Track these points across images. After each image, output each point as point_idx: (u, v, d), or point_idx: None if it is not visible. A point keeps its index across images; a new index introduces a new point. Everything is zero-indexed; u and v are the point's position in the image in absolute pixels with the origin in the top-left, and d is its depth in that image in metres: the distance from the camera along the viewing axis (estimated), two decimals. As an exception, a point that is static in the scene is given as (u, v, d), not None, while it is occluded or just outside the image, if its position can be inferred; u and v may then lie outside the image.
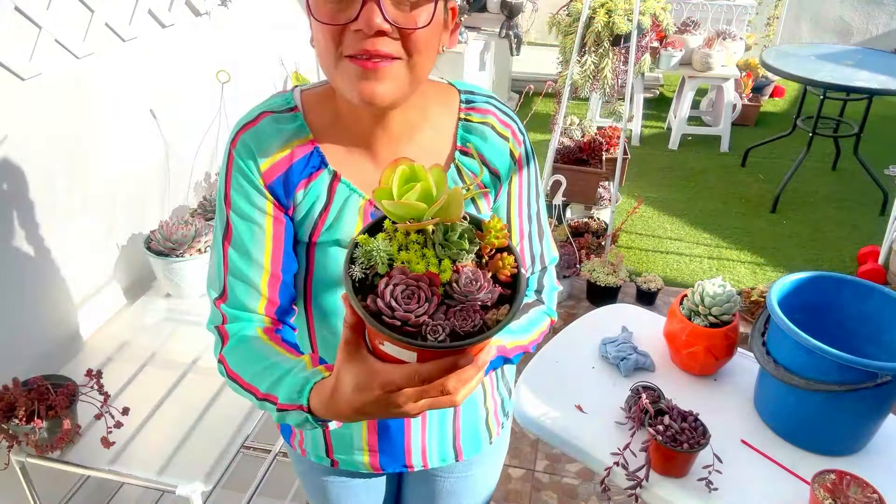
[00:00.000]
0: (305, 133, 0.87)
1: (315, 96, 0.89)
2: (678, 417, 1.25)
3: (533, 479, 2.21)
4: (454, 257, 0.65)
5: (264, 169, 0.85)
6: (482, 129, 0.92)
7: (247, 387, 0.83)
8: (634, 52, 2.94)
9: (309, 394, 0.74)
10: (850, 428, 1.28)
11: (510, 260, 0.67)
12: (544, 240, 1.03)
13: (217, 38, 2.17)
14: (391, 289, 0.62)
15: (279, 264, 0.88)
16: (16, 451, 1.37)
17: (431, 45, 0.80)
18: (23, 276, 1.53)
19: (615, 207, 3.19)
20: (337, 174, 0.87)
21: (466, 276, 0.64)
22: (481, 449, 1.12)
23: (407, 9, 0.75)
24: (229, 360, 0.86)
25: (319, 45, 0.79)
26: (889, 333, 1.33)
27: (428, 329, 0.62)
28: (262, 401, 0.81)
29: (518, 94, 4.45)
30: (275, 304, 0.89)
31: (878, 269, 3.11)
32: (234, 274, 0.88)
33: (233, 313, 0.88)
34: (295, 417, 0.77)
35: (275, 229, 0.87)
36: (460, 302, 0.63)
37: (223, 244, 0.88)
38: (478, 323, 0.62)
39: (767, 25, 5.67)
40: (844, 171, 4.37)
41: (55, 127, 1.57)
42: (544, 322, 1.02)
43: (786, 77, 3.79)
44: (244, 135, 0.86)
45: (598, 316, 1.68)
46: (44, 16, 1.47)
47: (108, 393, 1.42)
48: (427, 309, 0.62)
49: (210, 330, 0.91)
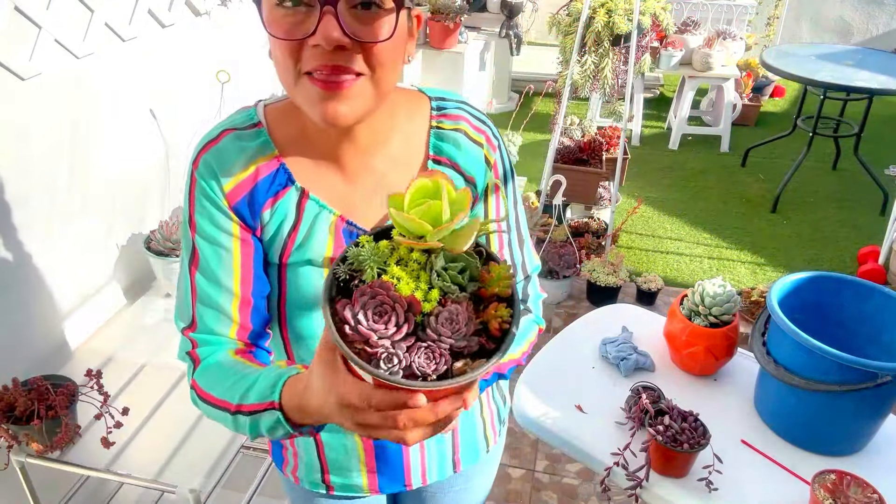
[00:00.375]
0: (270, 149, 0.83)
1: (279, 110, 0.85)
2: (678, 417, 1.25)
3: (533, 479, 2.21)
4: (445, 290, 0.60)
5: (228, 190, 0.81)
6: (455, 137, 0.89)
7: (219, 403, 0.79)
8: (634, 51, 2.94)
9: (282, 388, 0.71)
10: (851, 428, 1.28)
11: (505, 313, 0.61)
12: (525, 248, 1.00)
13: (217, 38, 2.17)
14: (364, 300, 0.58)
15: (249, 288, 0.84)
16: (16, 451, 1.37)
17: (395, 58, 0.75)
18: (23, 277, 1.53)
19: (615, 207, 3.19)
20: (305, 191, 0.84)
21: (447, 315, 0.58)
22: (479, 459, 1.11)
23: (368, 20, 0.70)
24: (200, 383, 0.82)
25: (277, 61, 0.74)
26: (889, 333, 1.32)
27: (383, 356, 0.57)
28: (236, 414, 0.77)
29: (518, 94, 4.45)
30: (247, 329, 0.85)
31: (879, 269, 3.11)
32: (203, 301, 0.84)
33: (203, 338, 0.85)
34: (267, 421, 0.73)
35: (242, 252, 0.83)
36: (431, 339, 0.58)
37: (190, 270, 0.84)
38: (441, 368, 0.57)
39: (767, 25, 5.66)
40: (845, 171, 4.37)
41: (55, 127, 1.57)
42: (534, 332, 1.00)
43: (786, 77, 3.79)
44: (206, 154, 0.82)
45: (598, 316, 1.68)
46: (44, 16, 1.47)
47: (108, 393, 1.42)
48: (393, 333, 0.57)
49: (181, 358, 0.87)
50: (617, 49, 3.02)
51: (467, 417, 1.05)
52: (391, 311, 0.58)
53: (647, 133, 4.94)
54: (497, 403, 1.11)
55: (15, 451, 1.37)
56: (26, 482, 1.44)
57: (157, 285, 1.88)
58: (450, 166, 0.89)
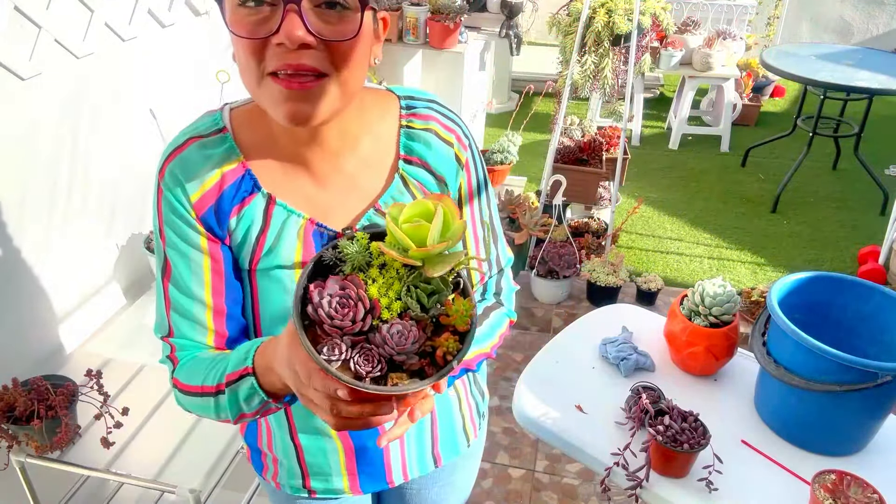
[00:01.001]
0: (235, 155, 0.82)
1: (245, 114, 0.84)
2: (678, 418, 1.25)
3: (533, 479, 2.21)
4: (409, 306, 0.63)
5: (195, 200, 0.80)
6: (426, 136, 0.88)
7: (201, 390, 0.80)
8: (634, 51, 2.94)
9: (255, 353, 0.75)
10: (851, 428, 1.28)
11: (453, 347, 0.63)
12: (499, 243, 1.02)
13: (217, 38, 2.17)
14: (334, 289, 0.61)
15: (221, 298, 0.84)
16: (16, 451, 1.37)
17: (361, 58, 0.75)
18: (22, 277, 1.53)
19: (615, 207, 3.19)
20: (272, 197, 0.82)
21: (395, 329, 0.61)
22: (460, 452, 1.11)
23: (332, 19, 0.70)
24: (181, 378, 0.84)
25: (240, 61, 0.73)
26: (889, 333, 1.32)
27: (327, 343, 0.60)
28: (217, 395, 0.79)
29: (518, 94, 4.45)
30: (223, 336, 0.86)
31: (879, 269, 3.11)
32: (177, 311, 0.84)
33: (181, 343, 0.86)
34: (244, 389, 0.76)
35: (212, 265, 0.83)
36: (376, 345, 0.61)
37: (163, 281, 0.85)
38: (375, 373, 0.60)
39: (768, 25, 5.66)
40: (845, 171, 4.37)
41: (55, 127, 1.57)
42: (504, 324, 1.01)
43: (786, 77, 3.79)
44: (171, 164, 0.81)
45: (598, 316, 1.68)
46: (44, 16, 1.47)
47: (108, 393, 1.42)
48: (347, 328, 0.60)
49: (163, 362, 0.88)
50: (617, 49, 3.02)
51: (445, 411, 1.05)
52: (353, 307, 0.61)
53: (647, 133, 4.94)
54: (475, 398, 1.12)
55: (15, 451, 1.37)
56: (26, 482, 1.44)
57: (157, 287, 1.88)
58: (420, 166, 0.89)
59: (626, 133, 3.15)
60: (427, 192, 0.90)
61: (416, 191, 0.89)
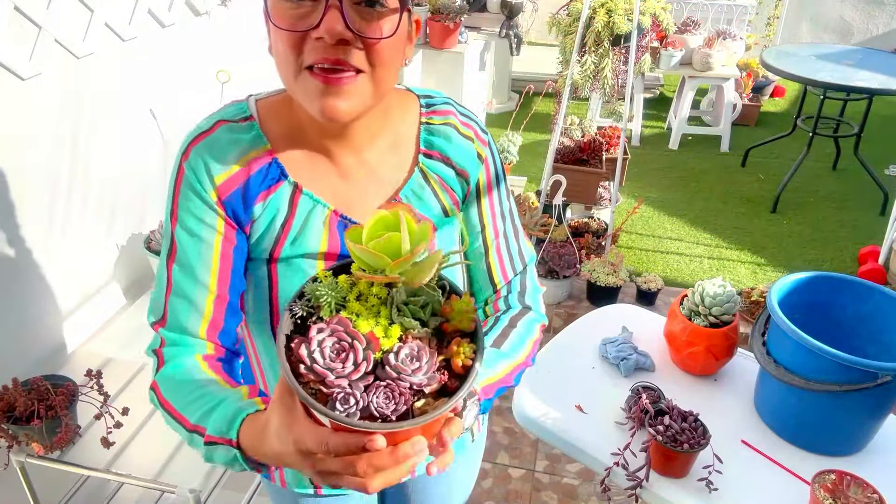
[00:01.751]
0: (262, 143, 0.82)
1: (271, 105, 0.85)
2: (678, 418, 1.25)
3: (533, 479, 2.21)
4: (406, 325, 0.58)
5: (220, 182, 0.80)
6: (446, 131, 0.90)
7: (177, 416, 0.77)
8: (634, 51, 2.94)
9: (240, 427, 0.68)
10: (851, 428, 1.28)
11: (468, 350, 0.58)
12: (520, 237, 1.01)
13: (217, 38, 2.17)
14: (321, 338, 0.55)
15: (226, 285, 0.82)
16: (15, 451, 1.37)
17: (395, 57, 0.76)
18: (22, 277, 1.53)
19: (615, 207, 3.19)
20: (298, 185, 0.83)
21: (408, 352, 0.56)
22: (464, 446, 1.14)
23: (371, 17, 0.72)
24: (162, 388, 0.80)
25: (279, 54, 0.75)
26: (889, 333, 1.32)
27: (339, 396, 0.53)
28: (192, 433, 0.74)
29: (518, 94, 4.45)
30: (217, 328, 0.83)
31: (879, 269, 3.11)
32: (177, 293, 0.82)
33: (171, 337, 0.82)
34: (223, 454, 0.70)
35: (223, 248, 0.82)
36: (390, 378, 0.55)
37: (167, 263, 0.83)
38: (401, 408, 0.54)
39: (767, 25, 5.66)
40: (845, 171, 4.37)
41: (55, 127, 1.57)
42: (535, 331, 0.97)
43: (786, 77, 3.79)
44: (198, 145, 0.81)
45: (598, 316, 1.68)
46: (44, 16, 1.47)
47: (108, 393, 1.41)
48: (350, 372, 0.54)
49: (148, 354, 0.85)
50: (617, 49, 3.02)
51: None
52: (349, 349, 0.55)
53: (647, 133, 4.94)
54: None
55: (15, 451, 1.37)
56: (26, 482, 1.44)
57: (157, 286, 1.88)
58: (440, 160, 0.90)
59: (626, 133, 3.15)
60: (447, 186, 0.90)
61: (435, 185, 0.90)
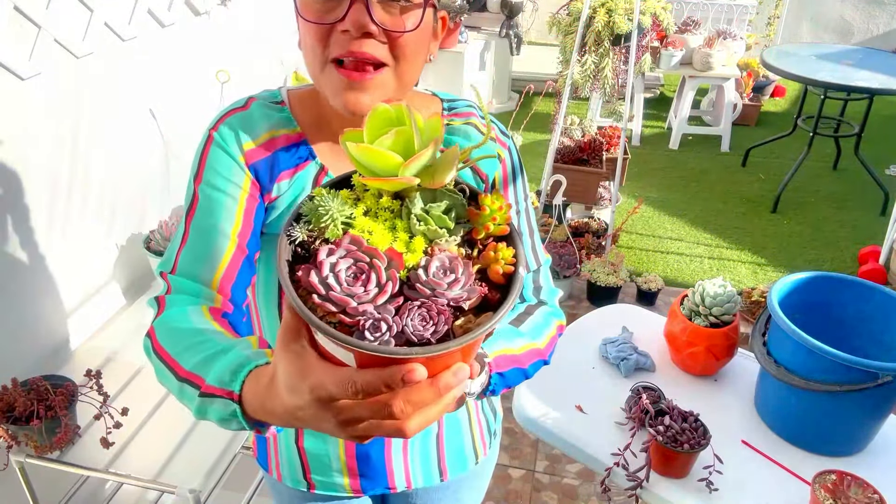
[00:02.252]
0: (293, 125, 0.86)
1: (300, 95, 0.89)
2: (679, 418, 1.25)
3: (533, 479, 2.21)
4: (432, 236, 0.50)
5: (248, 149, 0.82)
6: (465, 130, 0.91)
7: (170, 362, 0.69)
8: (635, 51, 2.94)
9: (245, 378, 0.60)
10: (851, 428, 1.28)
11: (508, 254, 0.50)
12: (535, 236, 1.00)
13: (217, 38, 2.17)
14: (334, 261, 0.47)
15: (246, 238, 0.81)
16: (15, 451, 1.37)
17: (419, 52, 0.78)
18: (22, 277, 1.53)
19: (615, 207, 3.19)
20: (324, 168, 0.86)
21: (439, 264, 0.48)
22: (468, 468, 1.09)
23: (396, 11, 0.74)
24: (158, 333, 0.72)
25: (306, 46, 0.77)
26: (890, 333, 1.32)
27: (367, 324, 0.46)
28: (183, 381, 0.66)
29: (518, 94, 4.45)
30: (231, 279, 0.78)
31: (879, 269, 3.11)
32: (193, 243, 0.79)
33: (179, 282, 0.77)
34: (219, 409, 0.61)
35: (248, 204, 0.81)
36: (423, 296, 0.47)
37: (186, 218, 0.82)
38: (441, 328, 0.46)
39: (768, 25, 5.66)
40: (845, 171, 4.36)
41: (55, 127, 1.57)
42: (552, 325, 0.94)
43: (786, 77, 3.79)
44: (230, 118, 0.84)
45: (599, 316, 1.68)
46: (43, 15, 1.47)
47: (108, 393, 1.41)
48: (375, 296, 0.46)
49: (149, 304, 0.77)
50: (617, 49, 3.02)
51: (453, 425, 1.04)
52: (369, 269, 0.47)
53: (648, 133, 4.94)
54: (487, 415, 1.10)
55: (14, 452, 1.37)
56: (26, 482, 1.44)
57: (157, 285, 1.88)
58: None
59: (626, 133, 3.15)
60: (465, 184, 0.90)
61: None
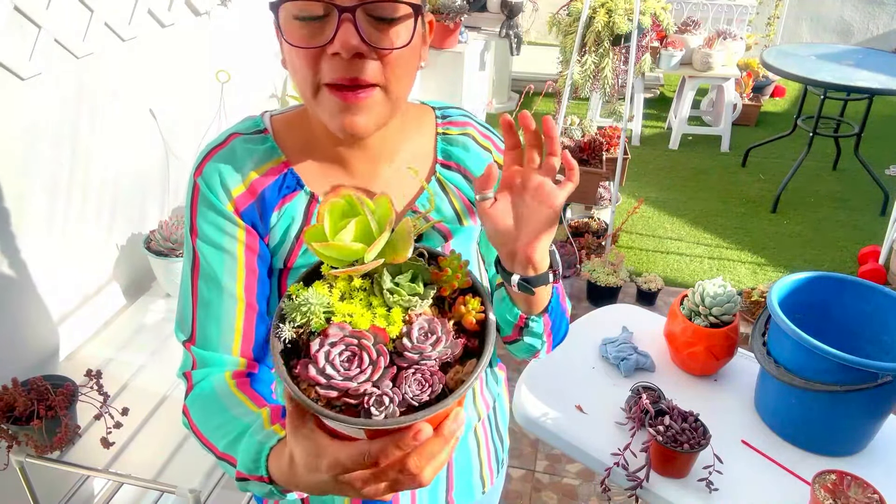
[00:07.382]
0: (277, 154, 0.83)
1: (285, 119, 0.86)
2: (679, 418, 1.25)
3: (533, 479, 2.21)
4: (406, 305, 0.54)
5: (237, 194, 0.80)
6: (463, 140, 0.90)
7: (206, 443, 0.76)
8: (635, 51, 2.94)
9: (267, 461, 0.66)
10: (851, 428, 1.28)
11: (476, 303, 0.55)
12: None
13: (217, 38, 2.17)
14: (326, 351, 0.51)
15: (253, 293, 0.81)
16: (15, 451, 1.37)
17: (411, 66, 0.76)
18: (22, 277, 1.53)
19: (615, 207, 3.19)
20: (315, 195, 0.83)
21: (419, 329, 0.52)
22: (474, 498, 1.07)
23: (385, 27, 0.71)
24: (192, 411, 0.79)
25: (296, 71, 0.74)
26: (890, 334, 1.32)
27: (371, 401, 0.50)
28: (222, 460, 0.73)
29: (518, 94, 4.45)
30: (250, 341, 0.81)
31: (879, 270, 3.11)
32: (205, 307, 0.81)
33: (202, 356, 0.81)
34: (258, 488, 0.69)
35: (247, 257, 0.81)
36: (412, 362, 0.51)
37: (192, 277, 0.82)
38: (437, 388, 0.51)
39: (768, 25, 5.66)
40: (845, 171, 4.37)
41: (55, 127, 1.57)
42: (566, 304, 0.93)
43: (786, 77, 3.79)
44: (211, 160, 0.81)
45: (599, 316, 1.68)
46: (43, 15, 1.47)
47: (108, 393, 1.41)
48: (371, 374, 0.50)
49: (179, 377, 0.83)
50: (617, 49, 3.02)
51: (463, 456, 1.02)
52: (360, 351, 0.51)
53: (648, 133, 4.94)
54: (495, 444, 1.09)
55: (14, 451, 1.37)
56: (26, 482, 1.44)
57: (157, 285, 1.88)
58: (457, 171, 0.89)
59: (626, 133, 3.15)
60: (463, 196, 0.89)
61: (452, 196, 0.89)
